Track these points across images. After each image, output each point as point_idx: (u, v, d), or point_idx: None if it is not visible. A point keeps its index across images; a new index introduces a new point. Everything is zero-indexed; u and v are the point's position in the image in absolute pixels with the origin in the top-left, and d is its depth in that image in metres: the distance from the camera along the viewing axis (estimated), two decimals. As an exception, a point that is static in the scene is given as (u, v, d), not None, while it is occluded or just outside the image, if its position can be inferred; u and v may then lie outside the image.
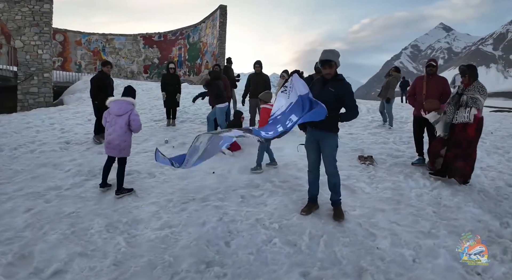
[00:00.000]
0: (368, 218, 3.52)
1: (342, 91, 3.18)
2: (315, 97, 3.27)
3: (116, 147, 3.94)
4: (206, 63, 24.63)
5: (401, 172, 5.01)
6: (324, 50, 3.25)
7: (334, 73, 3.24)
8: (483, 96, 4.34)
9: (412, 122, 5.50)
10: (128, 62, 27.41)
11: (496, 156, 6.30)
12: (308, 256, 2.77)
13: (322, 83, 3.33)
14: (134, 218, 3.34)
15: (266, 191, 4.03)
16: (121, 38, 27.25)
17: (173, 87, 7.85)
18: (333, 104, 3.20)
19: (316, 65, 7.87)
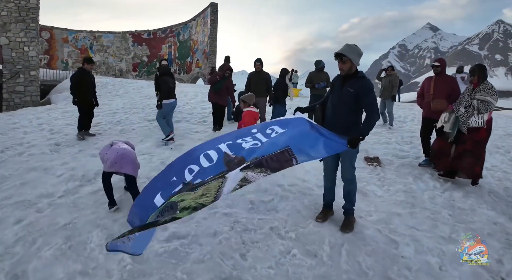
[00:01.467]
0: (386, 224, 3.36)
1: (361, 89, 2.93)
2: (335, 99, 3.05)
3: (131, 162, 3.53)
4: (197, 61, 24.30)
5: (410, 174, 4.88)
6: (346, 43, 3.02)
7: (349, 70, 2.99)
8: (493, 97, 4.24)
9: (421, 123, 5.37)
10: (117, 60, 26.82)
11: (498, 155, 6.26)
12: (332, 268, 2.57)
13: (340, 82, 3.08)
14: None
15: (276, 196, 3.80)
16: (109, 36, 26.64)
17: None
18: (353, 106, 2.97)
19: (320, 63, 7.70)
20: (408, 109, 11.82)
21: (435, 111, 4.80)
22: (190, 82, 23.54)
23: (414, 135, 7.52)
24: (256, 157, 2.59)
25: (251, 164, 2.55)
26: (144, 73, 26.72)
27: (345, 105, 2.99)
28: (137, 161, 3.70)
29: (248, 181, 2.47)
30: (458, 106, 4.48)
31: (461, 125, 4.41)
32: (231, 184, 2.45)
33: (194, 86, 16.71)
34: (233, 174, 2.50)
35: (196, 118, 8.59)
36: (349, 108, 2.97)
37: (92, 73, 6.93)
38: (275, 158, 2.58)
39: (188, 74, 25.18)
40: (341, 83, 3.06)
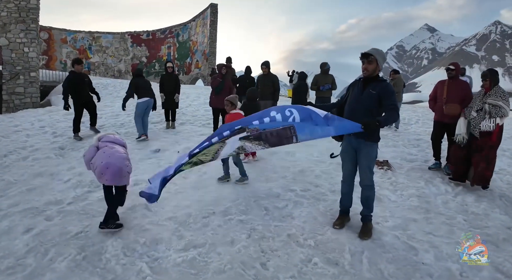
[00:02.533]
0: (403, 230, 3.32)
1: (383, 91, 2.90)
2: (354, 103, 3.01)
3: (117, 172, 3.16)
4: (197, 62, 24.21)
5: (421, 178, 4.85)
6: (372, 47, 3.00)
7: (373, 71, 2.97)
8: (505, 102, 4.22)
9: (433, 126, 5.34)
10: (116, 60, 26.70)
11: (505, 159, 6.23)
12: (355, 277, 2.52)
13: (361, 85, 3.05)
14: (153, 238, 2.97)
15: (290, 202, 3.75)
16: (108, 36, 26.51)
17: (172, 88, 7.46)
18: (374, 109, 2.94)
19: (325, 66, 7.66)
20: (411, 111, 11.81)
21: (448, 115, 4.77)
22: (189, 83, 23.46)
23: (420, 137, 7.50)
24: (256, 129, 2.71)
25: (251, 135, 2.69)
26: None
27: (366, 108, 2.94)
28: (127, 168, 3.28)
29: (245, 150, 2.72)
30: (470, 110, 4.46)
31: (472, 128, 4.38)
32: (229, 150, 2.70)
33: (195, 88, 16.64)
34: (231, 140, 2.71)
35: (200, 120, 8.51)
36: (370, 111, 2.92)
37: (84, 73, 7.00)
38: (276, 133, 2.67)
39: (188, 75, 25.09)
40: (362, 86, 3.02)
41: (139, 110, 6.59)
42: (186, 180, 4.32)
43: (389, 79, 8.61)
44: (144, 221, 3.30)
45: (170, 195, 3.89)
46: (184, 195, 3.89)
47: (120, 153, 3.28)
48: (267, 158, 5.36)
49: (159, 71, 25.20)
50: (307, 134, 2.66)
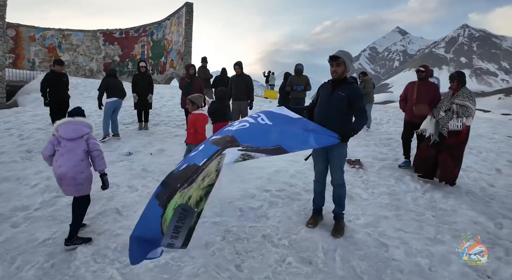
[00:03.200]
0: (374, 227, 3.41)
1: (352, 94, 2.98)
2: (325, 105, 3.07)
3: (70, 182, 2.91)
4: (171, 62, 23.81)
5: (391, 176, 5.01)
6: (339, 50, 3.06)
7: (342, 74, 3.04)
8: (472, 103, 4.43)
9: (403, 126, 5.53)
10: (87, 59, 25.76)
11: (471, 156, 6.54)
12: (329, 275, 2.56)
13: (330, 87, 3.12)
14: (125, 243, 2.87)
15: (265, 202, 3.77)
16: (79, 34, 25.53)
17: (145, 87, 7.31)
18: (345, 110, 3.01)
19: (298, 66, 7.75)
20: (383, 111, 12.18)
21: (418, 115, 4.96)
22: (164, 83, 23.03)
23: (391, 137, 7.75)
24: (249, 146, 2.55)
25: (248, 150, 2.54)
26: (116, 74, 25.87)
27: (335, 109, 3.01)
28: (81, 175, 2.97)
29: (251, 157, 2.55)
30: (438, 110, 4.65)
31: (441, 128, 4.57)
32: (232, 157, 2.49)
33: (170, 87, 16.36)
34: (230, 150, 2.46)
35: (175, 121, 8.39)
36: (340, 112, 3.00)
37: (64, 73, 6.90)
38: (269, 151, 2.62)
39: (162, 74, 24.61)
40: (331, 88, 3.09)
41: (107, 110, 6.55)
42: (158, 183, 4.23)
43: (359, 81, 8.84)
44: (115, 226, 3.21)
45: (142, 199, 3.81)
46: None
47: (75, 158, 2.96)
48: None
49: (132, 71, 24.58)
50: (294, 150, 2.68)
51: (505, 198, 4.52)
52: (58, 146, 3.03)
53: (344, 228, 3.25)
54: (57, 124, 3.10)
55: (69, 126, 3.08)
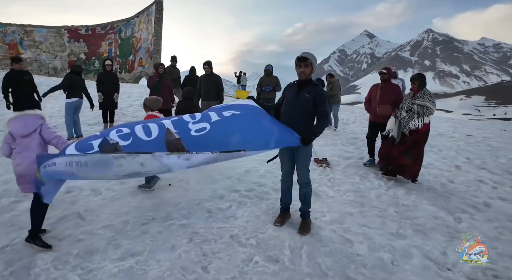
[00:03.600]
0: (340, 224, 3.50)
1: (317, 96, 3.05)
2: (291, 106, 3.11)
3: (29, 179, 2.79)
4: (140, 60, 23.17)
5: (356, 173, 5.17)
6: (304, 51, 3.12)
7: (309, 75, 3.10)
8: (432, 103, 4.67)
9: (368, 126, 5.74)
10: (50, 57, 24.49)
11: (432, 154, 6.89)
12: (295, 272, 2.60)
13: (296, 88, 3.17)
14: (87, 248, 2.78)
15: (233, 202, 3.76)
16: (42, 30, 24.22)
17: (110, 87, 7.08)
18: (310, 111, 3.08)
19: (266, 67, 7.80)
20: (350, 112, 12.57)
21: (381, 115, 5.16)
22: (132, 82, 22.36)
23: (357, 136, 8.00)
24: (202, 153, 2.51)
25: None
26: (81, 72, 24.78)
27: (302, 110, 3.07)
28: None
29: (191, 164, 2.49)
30: (400, 110, 4.87)
31: (403, 127, 4.78)
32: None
33: (138, 87, 15.90)
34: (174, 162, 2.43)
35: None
36: (306, 113, 3.06)
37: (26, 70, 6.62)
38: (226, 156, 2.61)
39: (130, 73, 23.88)
40: (297, 89, 3.13)
41: (68, 110, 6.30)
42: (124, 186, 4.12)
43: (326, 82, 9.07)
44: (77, 231, 3.07)
45: (106, 202, 3.68)
46: (122, 201, 3.70)
47: (32, 155, 2.79)
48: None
49: (98, 69, 23.65)
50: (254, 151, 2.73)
51: (463, 193, 4.80)
52: (14, 144, 2.89)
53: (311, 226, 3.31)
54: (7, 119, 2.93)
55: (19, 122, 2.90)
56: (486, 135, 10.11)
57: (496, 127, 13.69)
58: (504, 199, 4.69)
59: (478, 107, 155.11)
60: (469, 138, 9.24)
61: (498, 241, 3.44)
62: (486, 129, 11.82)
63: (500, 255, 3.16)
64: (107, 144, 2.37)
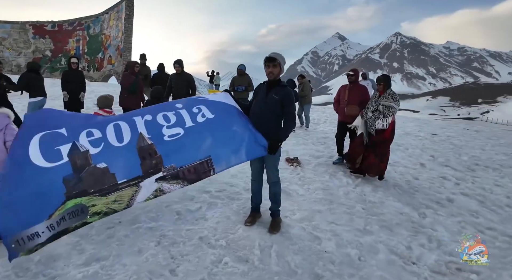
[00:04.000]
0: (309, 221, 3.56)
1: (285, 98, 3.08)
2: (260, 106, 3.14)
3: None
4: (109, 58, 22.44)
5: (326, 172, 5.28)
6: (272, 52, 3.13)
7: (277, 75, 3.12)
8: (396, 103, 4.85)
9: (337, 126, 5.88)
10: (14, 54, 23.20)
11: (399, 152, 7.16)
12: (264, 272, 2.62)
13: (265, 89, 3.19)
14: (49, 254, 2.65)
15: (204, 204, 3.73)
16: (5, 26, 22.90)
17: (76, 85, 6.80)
18: (278, 112, 3.10)
19: (239, 66, 7.79)
20: (321, 112, 12.83)
21: (349, 116, 5.31)
22: (101, 81, 21.63)
23: (327, 136, 8.18)
24: (173, 167, 2.56)
25: (168, 175, 2.54)
26: (47, 69, 23.62)
27: (270, 111, 3.09)
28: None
29: (163, 192, 2.55)
30: (367, 111, 5.02)
31: (369, 127, 4.94)
32: (145, 194, 2.47)
33: (106, 85, 15.42)
34: (147, 183, 2.47)
35: (112, 121, 7.92)
36: (274, 114, 3.09)
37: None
38: (193, 169, 2.64)
39: (99, 71, 23.07)
40: (266, 90, 3.15)
41: (33, 110, 5.99)
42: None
43: (298, 83, 9.21)
44: (37, 237, 2.93)
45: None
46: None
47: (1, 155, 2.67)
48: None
49: (65, 67, 22.69)
50: (223, 166, 2.73)
51: (428, 189, 5.02)
52: None
53: (281, 224, 3.35)
54: None
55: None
56: (450, 134, 10.65)
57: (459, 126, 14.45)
58: (466, 194, 4.96)
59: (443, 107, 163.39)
60: (434, 137, 9.69)
61: (460, 235, 3.62)
62: (450, 128, 12.45)
63: (463, 248, 3.33)
64: (77, 152, 2.27)
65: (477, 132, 12.31)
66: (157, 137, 2.57)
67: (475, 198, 4.88)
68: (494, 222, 4.12)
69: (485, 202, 4.77)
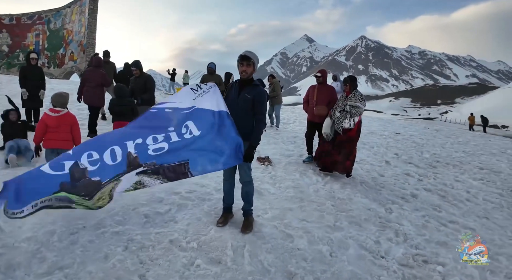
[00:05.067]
0: (281, 220, 3.58)
1: (256, 97, 3.06)
2: (232, 106, 3.11)
3: None
4: (71, 54, 21.36)
5: (296, 170, 5.35)
6: (246, 50, 3.11)
7: (251, 74, 3.10)
8: (362, 103, 5.02)
9: (306, 126, 5.98)
10: (-33, 49, 21.42)
11: (364, 150, 7.42)
12: (237, 272, 2.58)
13: (238, 88, 3.15)
14: (8, 263, 2.44)
15: (173, 205, 3.62)
16: (-43, 19, 21.04)
17: (36, 82, 6.40)
18: (250, 112, 3.08)
19: (209, 65, 7.70)
20: (290, 112, 13.02)
21: (318, 115, 5.43)
22: (62, 78, 20.50)
23: (297, 135, 8.30)
24: (154, 163, 2.75)
25: (148, 169, 2.74)
26: (3, 65, 22.03)
27: (242, 110, 3.07)
28: None
29: (144, 185, 2.75)
30: (334, 111, 5.16)
31: (336, 126, 5.07)
32: (125, 185, 2.69)
33: (68, 83, 14.60)
34: (128, 176, 2.69)
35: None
36: (247, 113, 3.06)
37: None
38: (172, 169, 2.81)
39: (60, 68, 21.84)
40: (238, 89, 3.12)
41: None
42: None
43: (268, 83, 9.27)
44: (-7, 246, 2.70)
45: (29, 211, 3.29)
46: (47, 210, 3.30)
47: None
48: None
49: (23, 63, 21.26)
50: (199, 171, 2.89)
51: (393, 186, 5.24)
52: None
53: (253, 224, 3.33)
54: None
55: None
56: (412, 133, 11.20)
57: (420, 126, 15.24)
58: (428, 190, 5.23)
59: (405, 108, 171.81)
60: (397, 136, 10.14)
61: (425, 229, 3.81)
62: (412, 128, 13.10)
63: (428, 241, 3.50)
64: (76, 169, 2.63)
65: (437, 131, 13.05)
66: (142, 152, 2.80)
67: (437, 193, 5.16)
68: (456, 215, 4.38)
69: (446, 196, 5.06)
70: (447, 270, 2.99)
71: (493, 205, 4.96)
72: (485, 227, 4.15)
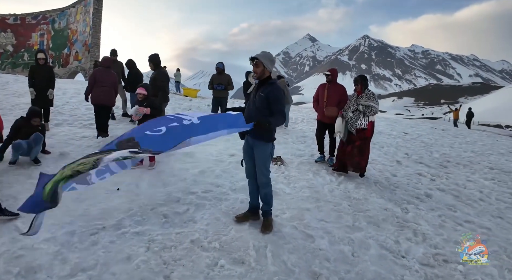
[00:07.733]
0: (299, 220, 3.54)
1: (270, 94, 3.02)
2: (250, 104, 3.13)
3: None
4: (76, 54, 21.42)
5: (309, 170, 5.30)
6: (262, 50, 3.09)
7: (261, 74, 3.06)
8: (375, 103, 4.96)
9: (316, 125, 5.92)
10: (-27, 49, 21.53)
11: (375, 150, 7.35)
12: (262, 273, 2.55)
13: (257, 87, 3.16)
14: (29, 265, 2.41)
15: (191, 205, 3.59)
16: (-37, 19, 21.15)
17: (44, 82, 6.38)
18: (265, 110, 3.03)
19: (217, 64, 7.67)
20: (297, 112, 12.96)
21: (328, 117, 5.43)
22: (67, 77, 20.54)
23: (306, 135, 8.25)
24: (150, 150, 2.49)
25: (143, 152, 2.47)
26: (8, 65, 22.12)
27: (258, 109, 3.05)
28: None
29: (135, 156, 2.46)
30: (347, 111, 5.11)
31: (349, 126, 5.02)
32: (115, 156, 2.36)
33: (74, 83, 14.63)
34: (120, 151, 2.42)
35: (81, 120, 7.51)
36: (262, 112, 3.02)
37: None
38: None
39: (65, 67, 21.91)
40: (257, 88, 3.12)
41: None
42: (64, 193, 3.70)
43: None
44: (15, 247, 2.65)
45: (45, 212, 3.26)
46: (64, 210, 3.26)
47: None
48: (163, 161, 5.06)
49: (28, 62, 21.33)
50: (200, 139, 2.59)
51: (406, 185, 5.17)
52: None
53: (273, 224, 3.30)
54: None
55: None
56: (420, 133, 11.12)
57: (427, 125, 15.13)
58: (442, 190, 5.16)
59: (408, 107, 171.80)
60: (405, 136, 10.06)
61: (442, 228, 3.75)
62: (419, 127, 13.00)
63: (446, 241, 3.45)
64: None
65: (444, 131, 12.95)
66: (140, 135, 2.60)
67: (451, 193, 5.10)
68: (471, 215, 4.32)
69: (460, 196, 5.00)
70: (467, 269, 2.95)
71: (506, 205, 4.90)
72: (500, 227, 4.09)
